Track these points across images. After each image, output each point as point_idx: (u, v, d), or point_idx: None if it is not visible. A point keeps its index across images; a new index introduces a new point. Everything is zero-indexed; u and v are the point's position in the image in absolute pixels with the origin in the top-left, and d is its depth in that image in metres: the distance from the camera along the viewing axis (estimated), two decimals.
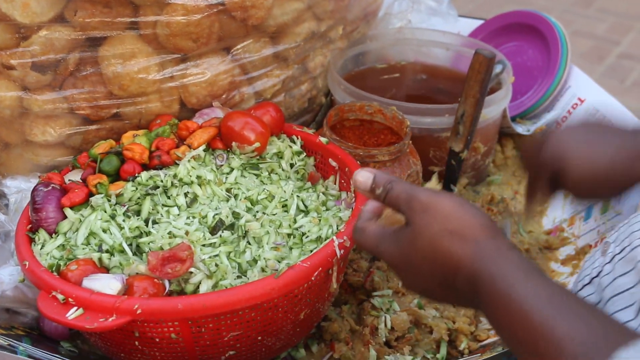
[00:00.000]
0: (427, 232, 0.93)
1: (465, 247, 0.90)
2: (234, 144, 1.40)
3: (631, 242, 1.04)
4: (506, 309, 0.84)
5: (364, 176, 1.04)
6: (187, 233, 1.23)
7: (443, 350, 1.37)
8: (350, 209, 1.32)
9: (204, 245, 1.22)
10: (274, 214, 1.31)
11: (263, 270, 1.20)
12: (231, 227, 1.26)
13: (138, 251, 1.24)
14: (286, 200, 1.34)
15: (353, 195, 1.35)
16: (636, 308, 0.99)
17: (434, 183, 1.13)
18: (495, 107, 1.70)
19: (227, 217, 1.27)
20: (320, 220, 1.30)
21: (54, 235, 1.27)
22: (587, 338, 0.78)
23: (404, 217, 0.98)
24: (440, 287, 0.96)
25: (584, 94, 1.88)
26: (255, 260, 1.22)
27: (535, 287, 0.84)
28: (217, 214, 1.27)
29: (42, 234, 1.26)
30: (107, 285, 1.13)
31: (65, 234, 1.26)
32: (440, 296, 0.98)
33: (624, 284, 1.04)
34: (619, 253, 1.07)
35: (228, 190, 1.35)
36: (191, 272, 1.17)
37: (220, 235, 1.23)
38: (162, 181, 1.33)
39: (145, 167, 1.36)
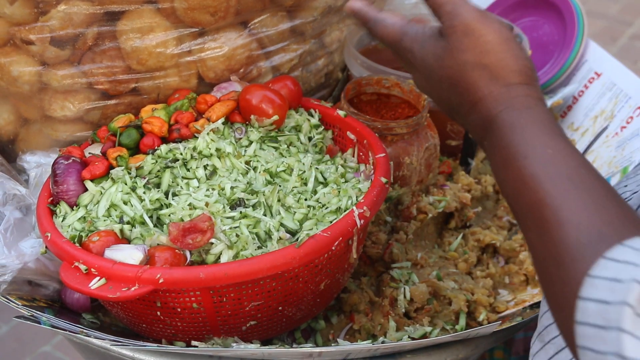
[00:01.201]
0: (460, 57, 0.88)
1: (492, 86, 0.86)
2: (252, 117, 1.40)
3: None
4: (516, 166, 0.79)
5: None
6: (207, 205, 1.24)
7: (462, 321, 1.38)
8: (370, 181, 1.32)
9: (224, 217, 1.23)
10: (294, 187, 1.32)
11: (280, 239, 1.20)
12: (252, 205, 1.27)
13: (159, 223, 1.25)
14: (304, 172, 1.35)
15: (372, 167, 1.36)
16: None
17: None
18: None
19: (247, 193, 1.27)
20: (339, 191, 1.30)
21: (74, 207, 1.28)
22: (595, 225, 0.71)
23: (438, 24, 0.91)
24: (450, 109, 0.92)
25: (601, 68, 1.87)
26: (273, 230, 1.22)
27: (555, 152, 0.78)
28: (235, 187, 1.28)
29: (63, 207, 1.27)
30: (129, 255, 1.14)
31: (86, 206, 1.27)
32: (448, 113, 0.94)
33: None
34: None
35: (247, 162, 1.36)
36: (212, 243, 1.18)
37: (241, 212, 1.23)
38: (181, 154, 1.33)
39: (164, 140, 1.37)
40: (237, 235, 1.19)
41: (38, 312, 1.26)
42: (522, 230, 0.80)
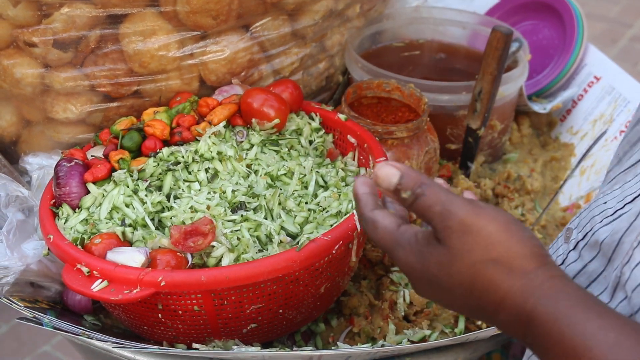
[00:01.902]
0: (467, 258, 0.80)
1: (512, 280, 0.79)
2: (253, 120, 1.41)
3: (592, 227, 0.97)
4: (566, 352, 0.75)
5: (388, 172, 0.85)
6: (208, 208, 1.24)
7: (461, 325, 1.38)
8: None
9: (225, 220, 1.23)
10: (295, 191, 1.32)
11: (281, 242, 1.21)
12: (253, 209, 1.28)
13: (160, 226, 1.26)
14: (305, 176, 1.36)
15: (372, 171, 1.36)
16: (610, 291, 0.92)
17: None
18: (512, 84, 1.70)
19: (248, 196, 1.28)
20: (339, 195, 1.31)
21: (77, 210, 1.28)
22: None
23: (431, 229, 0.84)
24: (470, 312, 0.86)
25: (600, 72, 1.88)
26: (274, 233, 1.23)
27: (617, 337, 0.74)
28: (236, 191, 1.28)
29: (65, 209, 1.28)
30: (131, 258, 1.15)
31: (88, 208, 1.28)
32: (469, 315, 0.88)
33: (595, 269, 0.97)
34: (582, 239, 1.00)
35: (248, 166, 1.36)
36: (213, 246, 1.18)
37: (242, 215, 1.24)
38: (183, 157, 1.34)
39: (166, 143, 1.38)
40: (238, 239, 1.20)
41: (40, 314, 1.26)
42: None
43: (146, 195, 1.28)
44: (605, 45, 3.97)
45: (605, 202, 0.97)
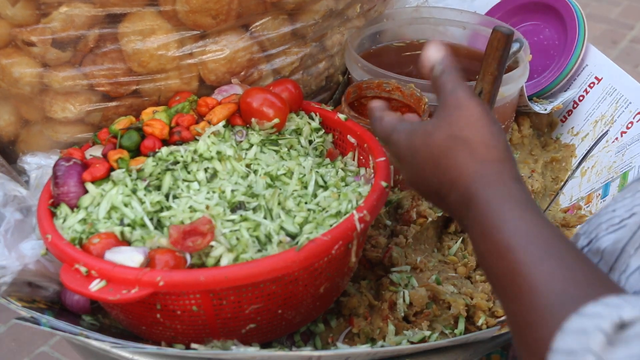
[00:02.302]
0: (446, 129, 0.93)
1: (469, 161, 0.90)
2: (253, 120, 1.41)
3: (597, 234, 1.00)
4: (492, 239, 0.83)
5: (435, 51, 1.04)
6: (207, 207, 1.24)
7: (461, 326, 1.38)
8: (370, 184, 1.33)
9: (224, 220, 1.23)
10: (294, 190, 1.32)
11: (280, 242, 1.20)
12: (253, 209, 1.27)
13: (159, 225, 1.25)
14: (305, 176, 1.35)
15: (372, 171, 1.36)
16: None
17: None
18: (513, 85, 1.70)
19: (247, 196, 1.27)
20: (339, 195, 1.31)
21: (75, 209, 1.28)
22: (566, 288, 0.76)
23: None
24: (434, 195, 0.96)
25: (601, 73, 1.87)
26: (273, 233, 1.22)
27: (527, 225, 0.83)
28: (235, 190, 1.28)
29: (63, 209, 1.27)
30: (130, 258, 1.14)
31: (86, 208, 1.27)
32: (435, 203, 0.99)
33: None
34: (586, 245, 1.03)
35: (247, 165, 1.36)
36: (212, 246, 1.18)
37: (241, 215, 1.24)
38: (182, 156, 1.34)
39: (165, 142, 1.37)
40: (237, 239, 1.20)
41: (38, 314, 1.26)
42: (498, 298, 0.85)
43: (145, 195, 1.27)
44: (606, 46, 3.96)
45: (614, 210, 0.98)
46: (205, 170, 1.34)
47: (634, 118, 1.70)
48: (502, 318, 1.41)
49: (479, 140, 0.91)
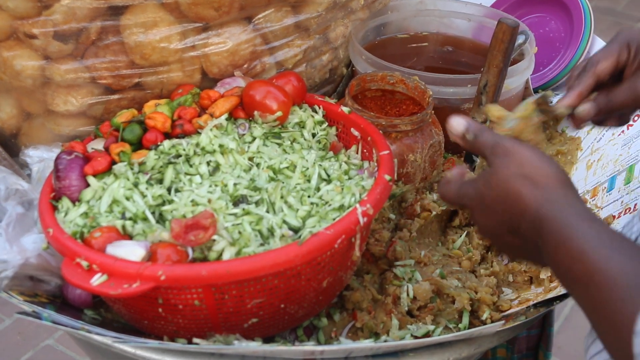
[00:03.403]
0: (503, 172, 1.00)
1: (534, 191, 0.96)
2: (256, 113, 1.40)
3: None
4: (566, 248, 0.90)
5: (458, 122, 1.10)
6: (209, 201, 1.23)
7: (465, 320, 1.37)
8: (373, 178, 1.32)
9: (226, 213, 1.22)
10: (297, 184, 1.31)
11: (283, 236, 1.20)
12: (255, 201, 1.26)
13: (161, 219, 1.24)
14: (308, 169, 1.34)
15: (376, 164, 1.35)
16: None
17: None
18: (518, 77, 1.69)
19: (250, 189, 1.27)
20: (342, 188, 1.30)
21: (77, 203, 1.27)
22: (637, 278, 0.83)
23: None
24: (508, 232, 1.02)
25: None
26: (276, 227, 1.22)
27: (597, 231, 0.89)
28: (238, 184, 1.27)
29: (65, 202, 1.26)
30: (131, 252, 1.13)
31: (88, 202, 1.26)
32: (509, 243, 1.04)
33: None
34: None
35: (250, 159, 1.35)
36: (214, 240, 1.17)
37: (243, 209, 1.23)
38: (184, 150, 1.33)
39: (167, 135, 1.36)
40: (239, 232, 1.19)
41: (39, 308, 1.25)
42: (577, 301, 0.91)
43: (147, 189, 1.26)
44: None
45: None
46: (208, 163, 1.33)
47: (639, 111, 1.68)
48: (507, 312, 1.41)
49: (538, 173, 0.98)
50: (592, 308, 0.88)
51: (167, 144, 1.33)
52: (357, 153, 1.44)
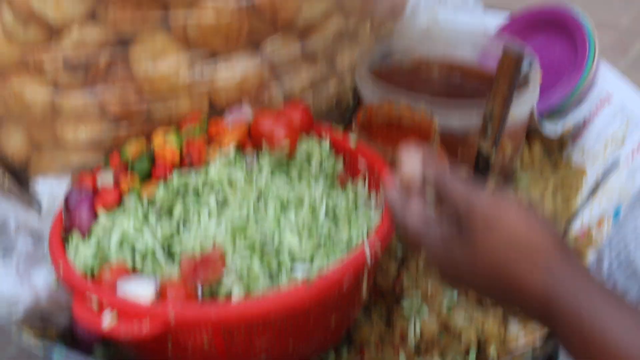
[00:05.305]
0: (490, 254, 0.87)
1: (535, 274, 0.86)
2: (263, 144, 1.40)
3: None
4: (599, 345, 0.82)
5: (411, 167, 0.96)
6: (217, 238, 1.23)
7: (472, 356, 1.38)
8: (381, 210, 1.32)
9: (235, 251, 1.22)
10: (304, 218, 1.31)
11: (291, 272, 1.20)
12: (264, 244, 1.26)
13: (169, 253, 1.25)
14: (315, 202, 1.34)
15: (383, 195, 1.36)
16: None
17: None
18: (524, 106, 1.69)
19: (257, 225, 1.27)
20: (350, 222, 1.30)
21: (87, 238, 1.27)
22: None
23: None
24: (494, 297, 0.92)
25: (612, 91, 1.86)
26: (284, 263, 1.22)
27: (603, 306, 0.83)
28: (246, 220, 1.27)
29: (75, 238, 1.27)
30: (141, 289, 1.14)
31: (98, 237, 1.27)
32: (491, 298, 0.94)
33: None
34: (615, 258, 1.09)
35: (258, 191, 1.35)
36: (223, 278, 1.17)
37: (251, 246, 1.23)
38: (193, 183, 1.33)
39: (177, 166, 1.37)
40: (248, 270, 1.19)
41: (50, 347, 1.25)
42: None
43: (156, 222, 1.27)
44: (616, 55, 3.91)
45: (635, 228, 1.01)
46: (216, 196, 1.33)
47: None
48: (515, 349, 1.41)
49: (533, 249, 0.87)
50: None
51: (176, 180, 1.33)
52: (364, 184, 1.45)
